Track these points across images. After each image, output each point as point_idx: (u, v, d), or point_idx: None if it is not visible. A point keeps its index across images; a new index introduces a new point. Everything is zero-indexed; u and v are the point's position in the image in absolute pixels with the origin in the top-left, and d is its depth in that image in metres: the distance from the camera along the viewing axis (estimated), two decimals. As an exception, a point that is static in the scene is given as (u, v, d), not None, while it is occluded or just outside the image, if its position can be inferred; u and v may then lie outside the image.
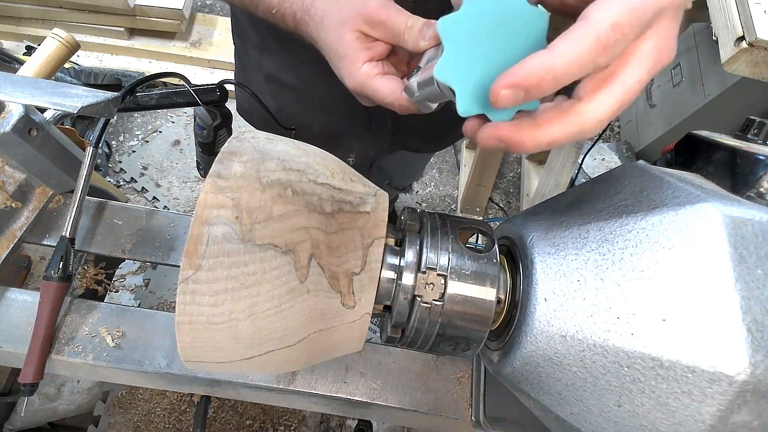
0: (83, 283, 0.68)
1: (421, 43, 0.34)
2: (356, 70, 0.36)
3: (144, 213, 0.61)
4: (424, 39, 0.33)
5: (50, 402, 1.02)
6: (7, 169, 0.57)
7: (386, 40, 0.36)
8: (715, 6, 0.86)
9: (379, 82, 0.36)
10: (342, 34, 0.36)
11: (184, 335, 0.30)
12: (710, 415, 0.24)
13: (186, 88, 0.62)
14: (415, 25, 0.34)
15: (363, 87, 0.37)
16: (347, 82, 0.38)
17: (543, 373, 0.31)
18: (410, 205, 1.26)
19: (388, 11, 0.35)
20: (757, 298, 0.24)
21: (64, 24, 1.84)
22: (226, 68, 1.94)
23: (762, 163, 0.34)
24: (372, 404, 0.51)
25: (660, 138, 1.77)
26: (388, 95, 0.36)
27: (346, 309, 0.32)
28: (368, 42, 0.37)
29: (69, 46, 0.62)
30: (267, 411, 1.08)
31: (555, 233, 0.33)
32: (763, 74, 0.81)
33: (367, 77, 0.36)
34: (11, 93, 0.43)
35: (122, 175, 1.79)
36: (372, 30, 0.36)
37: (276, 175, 0.31)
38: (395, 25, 0.35)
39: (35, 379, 0.49)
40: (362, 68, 0.36)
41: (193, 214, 0.30)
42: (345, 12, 0.36)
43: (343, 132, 0.74)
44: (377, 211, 0.34)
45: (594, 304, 0.28)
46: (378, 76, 0.36)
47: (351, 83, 0.38)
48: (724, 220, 0.26)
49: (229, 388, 0.53)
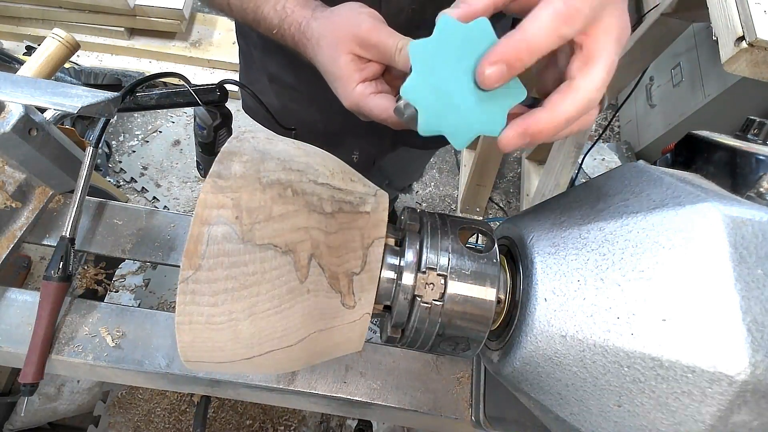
0: (83, 283, 0.68)
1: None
2: (351, 91, 0.38)
3: (144, 213, 0.61)
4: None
5: (50, 402, 1.02)
6: (7, 169, 0.57)
7: (378, 60, 0.38)
8: (715, 6, 0.86)
9: (373, 102, 0.38)
10: (336, 56, 0.38)
11: (184, 335, 0.30)
12: (710, 415, 0.24)
13: (186, 88, 0.62)
14: (405, 47, 0.35)
15: (358, 106, 0.39)
16: (343, 101, 0.40)
17: (543, 373, 0.31)
18: (410, 205, 1.26)
19: (379, 34, 0.37)
20: (757, 298, 0.24)
21: (64, 24, 1.84)
22: (226, 68, 1.94)
23: (762, 163, 0.34)
24: (372, 404, 0.51)
25: (660, 138, 1.77)
26: (381, 113, 0.37)
27: (346, 309, 0.32)
28: (361, 63, 0.38)
29: (69, 46, 0.62)
30: (267, 411, 1.08)
31: (555, 233, 0.33)
32: (763, 74, 0.81)
33: (361, 97, 0.38)
34: (11, 93, 0.43)
35: (122, 175, 1.79)
36: (364, 52, 0.38)
37: (276, 175, 0.31)
38: (386, 48, 0.36)
39: (35, 379, 0.49)
40: (356, 89, 0.38)
41: (193, 214, 0.30)
42: (339, 35, 0.38)
43: (346, 131, 0.74)
44: (377, 211, 0.34)
45: (594, 304, 0.28)
46: (371, 95, 0.38)
47: (347, 103, 0.40)
48: (724, 220, 0.26)
49: (229, 388, 0.53)
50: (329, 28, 0.39)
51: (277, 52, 0.68)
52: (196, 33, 1.97)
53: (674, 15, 1.09)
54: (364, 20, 0.38)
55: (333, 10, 0.40)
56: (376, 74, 0.39)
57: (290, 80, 0.70)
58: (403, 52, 0.36)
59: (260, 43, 0.69)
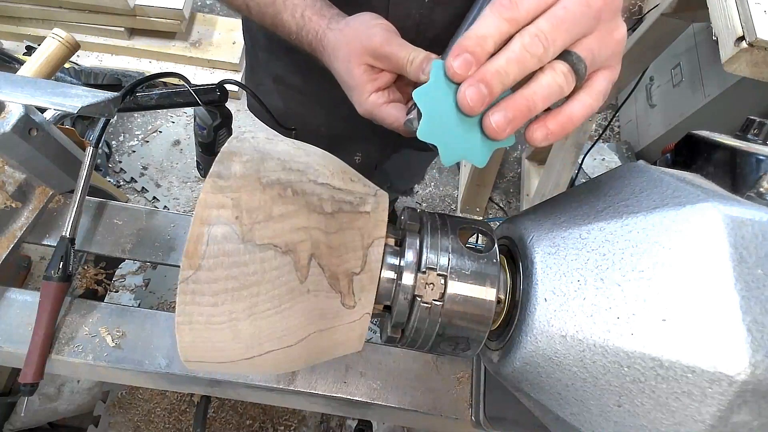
0: (83, 283, 0.68)
1: (422, 76, 0.37)
2: (365, 100, 0.41)
3: (144, 213, 0.61)
4: (424, 73, 0.37)
5: (50, 402, 1.02)
6: (7, 169, 0.57)
7: (391, 70, 0.40)
8: (715, 6, 0.86)
9: (385, 111, 0.40)
10: (351, 67, 0.40)
11: (184, 335, 0.30)
12: (710, 415, 0.24)
13: (186, 88, 0.62)
14: (416, 59, 0.37)
15: (372, 114, 0.41)
16: (358, 109, 0.42)
17: (543, 373, 0.31)
18: (410, 205, 1.26)
19: (392, 46, 0.38)
20: (757, 298, 0.24)
21: (64, 24, 1.84)
22: (226, 68, 1.94)
23: (762, 163, 0.34)
24: (372, 404, 0.51)
25: (660, 138, 1.77)
26: (393, 122, 0.40)
27: (346, 309, 0.32)
28: (375, 73, 0.41)
29: (69, 46, 0.62)
30: (267, 411, 1.08)
31: (555, 233, 0.33)
32: (763, 74, 0.81)
33: (374, 106, 0.40)
34: (11, 93, 0.43)
35: (122, 175, 1.79)
36: (377, 62, 0.40)
37: (276, 175, 0.31)
38: (398, 59, 0.38)
39: (35, 379, 0.49)
40: (370, 98, 0.40)
41: (193, 214, 0.30)
42: (353, 46, 0.40)
43: (350, 133, 0.75)
44: (377, 211, 0.34)
45: (594, 304, 0.28)
46: (384, 104, 0.40)
47: (361, 111, 0.42)
48: (724, 220, 0.26)
49: (229, 388, 0.53)
50: (344, 41, 0.41)
51: (284, 55, 0.68)
52: (196, 33, 1.97)
53: (674, 15, 1.09)
54: (377, 33, 0.39)
55: (348, 22, 0.42)
56: (389, 83, 0.41)
57: (296, 82, 0.70)
58: (413, 65, 0.37)
59: (266, 45, 0.69)
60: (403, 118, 0.39)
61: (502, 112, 0.29)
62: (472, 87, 0.29)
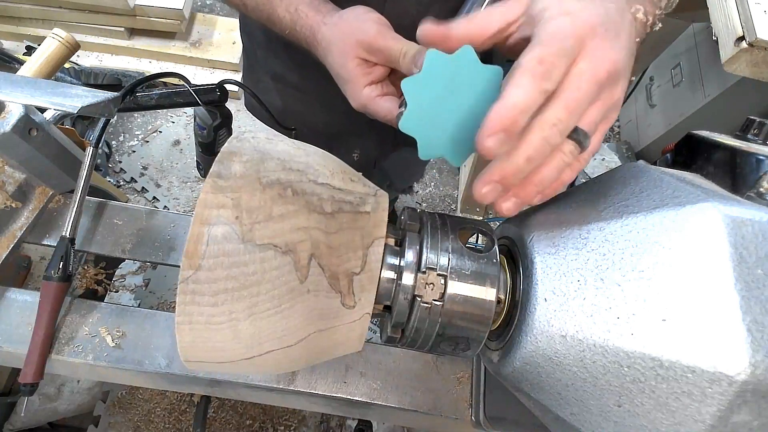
0: (83, 283, 0.68)
1: (414, 69, 0.37)
2: (359, 93, 0.41)
3: (144, 213, 0.61)
4: (416, 66, 0.36)
5: (50, 402, 1.02)
6: (7, 169, 0.57)
7: (384, 64, 0.40)
8: (715, 6, 0.86)
9: (379, 103, 0.40)
10: (345, 61, 0.41)
11: (184, 335, 0.30)
12: (710, 415, 0.24)
13: (186, 88, 0.62)
14: (408, 52, 0.37)
15: (365, 108, 0.41)
16: (352, 103, 0.42)
17: (543, 373, 0.31)
18: (410, 205, 1.26)
19: (385, 40, 0.39)
20: (757, 298, 0.24)
21: (64, 24, 1.83)
22: (226, 68, 1.94)
23: (762, 163, 0.34)
24: (372, 404, 0.51)
25: (660, 138, 1.77)
26: (386, 114, 0.40)
27: (346, 309, 0.32)
28: (368, 67, 0.41)
29: (69, 46, 0.62)
30: (267, 411, 1.08)
31: (555, 233, 0.33)
32: (763, 74, 0.81)
33: (368, 99, 0.41)
34: (11, 93, 0.43)
35: (122, 175, 1.79)
36: (371, 56, 0.40)
37: (276, 175, 0.31)
38: (391, 53, 0.38)
39: (35, 379, 0.49)
40: (364, 91, 0.41)
41: (193, 214, 0.30)
42: (346, 40, 0.41)
43: (348, 130, 0.75)
44: (377, 211, 0.34)
45: (594, 304, 0.28)
46: (378, 97, 0.40)
47: (355, 104, 0.42)
48: (724, 220, 0.26)
49: (229, 388, 0.53)
50: (338, 35, 0.41)
51: (282, 52, 0.68)
52: (196, 33, 1.96)
53: (674, 15, 1.09)
54: (370, 27, 0.40)
55: (341, 15, 0.42)
56: (382, 76, 0.41)
57: (294, 79, 0.70)
58: (406, 58, 0.37)
59: (264, 42, 0.69)
60: (396, 111, 0.39)
61: (513, 199, 0.30)
62: (489, 186, 0.29)
